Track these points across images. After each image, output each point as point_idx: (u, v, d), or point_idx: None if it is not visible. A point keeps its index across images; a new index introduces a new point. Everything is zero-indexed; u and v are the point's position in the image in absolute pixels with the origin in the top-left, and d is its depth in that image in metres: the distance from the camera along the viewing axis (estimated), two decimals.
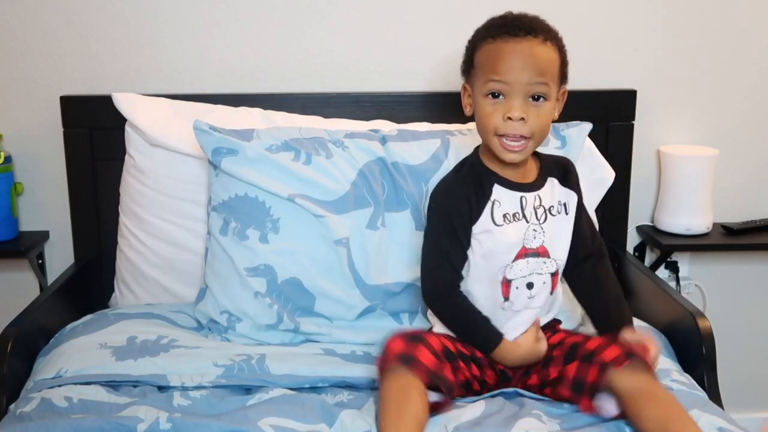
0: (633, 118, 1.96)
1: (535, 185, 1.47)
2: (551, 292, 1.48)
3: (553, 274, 1.47)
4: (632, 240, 2.09)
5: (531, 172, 1.48)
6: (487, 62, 1.39)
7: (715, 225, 2.02)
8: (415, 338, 1.38)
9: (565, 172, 1.52)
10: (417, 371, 1.33)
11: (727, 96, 2.04)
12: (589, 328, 1.54)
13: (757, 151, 2.08)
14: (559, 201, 1.49)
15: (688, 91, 2.02)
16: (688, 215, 1.97)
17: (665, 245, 1.96)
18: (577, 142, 1.76)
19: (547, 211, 1.46)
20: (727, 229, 2.00)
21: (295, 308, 1.61)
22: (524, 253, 1.44)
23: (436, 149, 1.69)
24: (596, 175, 1.83)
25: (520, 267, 1.44)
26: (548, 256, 1.46)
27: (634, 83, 1.98)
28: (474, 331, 1.45)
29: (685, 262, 2.10)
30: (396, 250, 1.64)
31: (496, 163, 1.46)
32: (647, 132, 2.03)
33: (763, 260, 2.14)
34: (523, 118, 1.36)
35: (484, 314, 1.45)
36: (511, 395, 1.42)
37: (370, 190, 1.66)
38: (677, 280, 2.09)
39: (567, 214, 1.49)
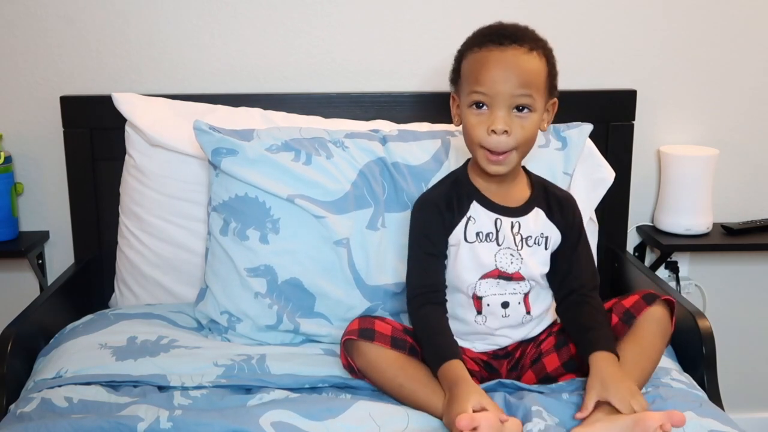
0: (633, 118, 1.96)
1: (517, 211, 1.45)
2: (528, 312, 1.46)
3: (526, 295, 1.45)
4: (632, 240, 2.09)
5: (518, 197, 1.47)
6: (471, 72, 1.38)
7: (715, 225, 2.02)
8: (368, 318, 1.44)
9: (560, 207, 1.48)
10: (378, 341, 1.37)
11: (727, 96, 2.03)
12: None
13: (757, 151, 2.07)
14: (542, 233, 1.46)
15: (688, 91, 2.02)
16: (688, 215, 1.96)
17: (665, 245, 1.95)
18: (577, 144, 1.76)
19: (524, 241, 1.45)
20: (727, 229, 2.00)
21: (295, 309, 1.61)
22: (496, 275, 1.43)
23: (436, 149, 1.69)
24: (596, 175, 1.83)
25: (489, 285, 1.43)
26: (523, 280, 1.45)
27: (634, 83, 1.98)
28: (427, 343, 1.39)
29: (685, 262, 2.10)
30: (396, 251, 1.63)
31: (482, 179, 1.46)
32: (647, 132, 2.03)
33: (763, 260, 2.14)
34: (506, 131, 1.35)
35: (449, 334, 1.40)
36: (511, 389, 1.41)
37: (370, 191, 1.66)
38: (677, 280, 2.09)
39: (546, 248, 1.46)
